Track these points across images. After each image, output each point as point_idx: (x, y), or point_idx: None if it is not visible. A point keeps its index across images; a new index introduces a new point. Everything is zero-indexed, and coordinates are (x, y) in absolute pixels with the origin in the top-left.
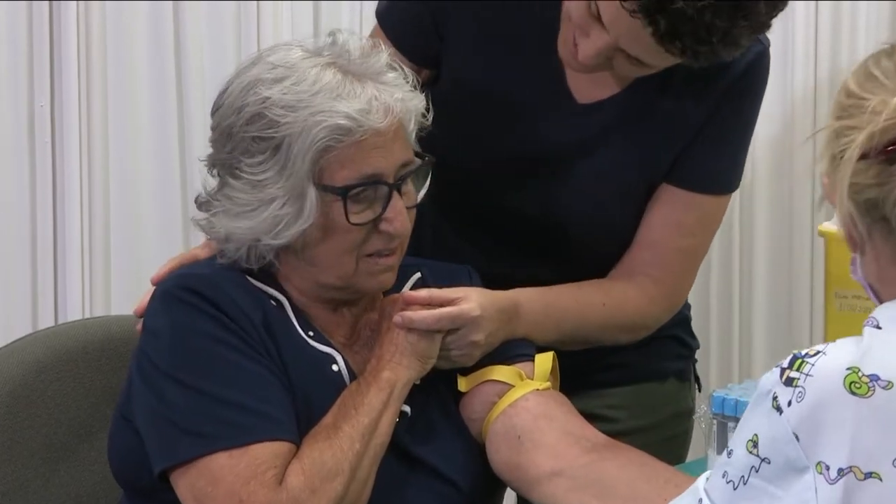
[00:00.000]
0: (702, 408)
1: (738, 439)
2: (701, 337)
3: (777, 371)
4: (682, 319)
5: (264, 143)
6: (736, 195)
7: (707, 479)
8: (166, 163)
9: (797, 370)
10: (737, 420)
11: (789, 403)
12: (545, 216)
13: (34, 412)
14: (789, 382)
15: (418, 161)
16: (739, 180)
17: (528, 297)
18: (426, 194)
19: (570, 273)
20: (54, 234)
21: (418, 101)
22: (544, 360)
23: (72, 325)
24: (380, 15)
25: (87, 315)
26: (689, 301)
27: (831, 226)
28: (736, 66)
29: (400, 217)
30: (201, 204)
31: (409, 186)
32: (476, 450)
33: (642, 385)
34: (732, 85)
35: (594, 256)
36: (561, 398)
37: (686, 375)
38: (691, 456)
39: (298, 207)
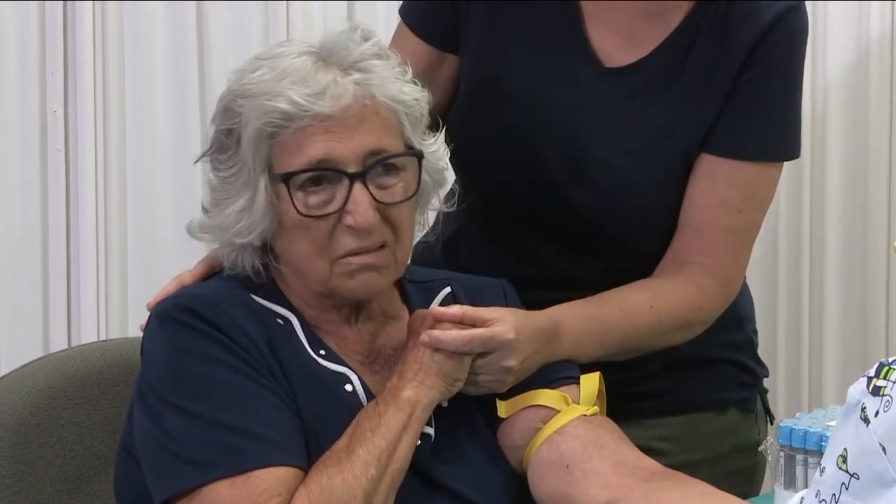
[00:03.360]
0: (768, 439)
1: (829, 455)
2: (767, 359)
3: (864, 381)
4: (745, 343)
5: (230, 138)
6: (806, 202)
7: (802, 498)
8: (187, 172)
9: (884, 378)
10: (806, 452)
11: (876, 414)
12: (579, 203)
13: (46, 442)
14: (876, 392)
15: (393, 153)
16: (791, 148)
17: (569, 315)
18: (459, 197)
19: (615, 272)
20: (67, 250)
21: (413, 92)
22: (590, 382)
23: (86, 347)
24: (402, 11)
25: (103, 337)
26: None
27: None
28: (762, 18)
29: (361, 209)
30: (203, 210)
31: (391, 179)
32: (511, 478)
33: (697, 415)
34: (761, 39)
35: (638, 248)
36: (611, 425)
37: (750, 405)
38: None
39: (250, 200)
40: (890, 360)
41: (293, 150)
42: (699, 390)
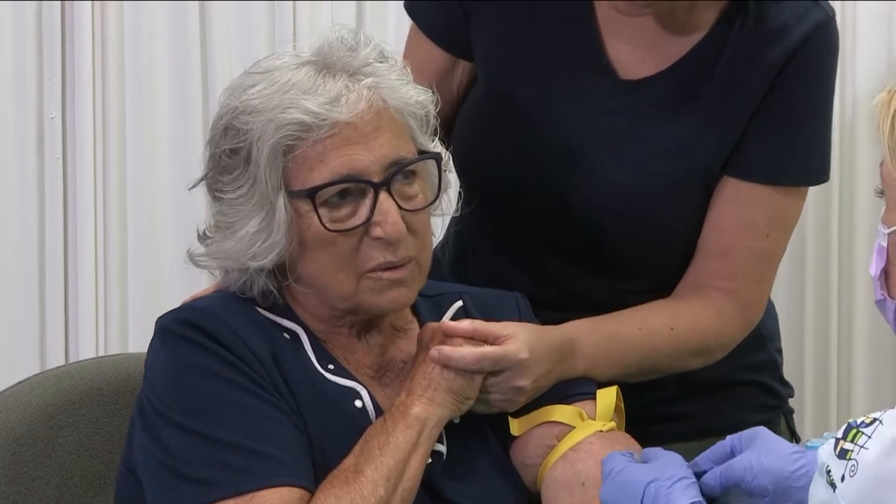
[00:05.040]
0: None
1: None
2: (794, 378)
3: (832, 442)
4: (769, 363)
5: (236, 157)
6: (835, 219)
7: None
8: (189, 182)
9: (851, 441)
10: None
11: (842, 478)
12: (589, 217)
13: (42, 461)
14: (843, 455)
15: (415, 158)
16: (820, 171)
17: (585, 332)
18: (466, 215)
19: (630, 292)
20: (65, 262)
21: (418, 94)
22: (606, 396)
23: (84, 364)
24: (409, 7)
25: (102, 353)
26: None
27: None
28: (790, 37)
29: (390, 219)
30: (201, 237)
31: (410, 187)
32: (524, 496)
33: (716, 440)
34: (788, 60)
35: (653, 269)
36: (628, 440)
37: (773, 428)
38: None
39: (269, 221)
40: (858, 420)
41: (313, 163)
42: (720, 414)
